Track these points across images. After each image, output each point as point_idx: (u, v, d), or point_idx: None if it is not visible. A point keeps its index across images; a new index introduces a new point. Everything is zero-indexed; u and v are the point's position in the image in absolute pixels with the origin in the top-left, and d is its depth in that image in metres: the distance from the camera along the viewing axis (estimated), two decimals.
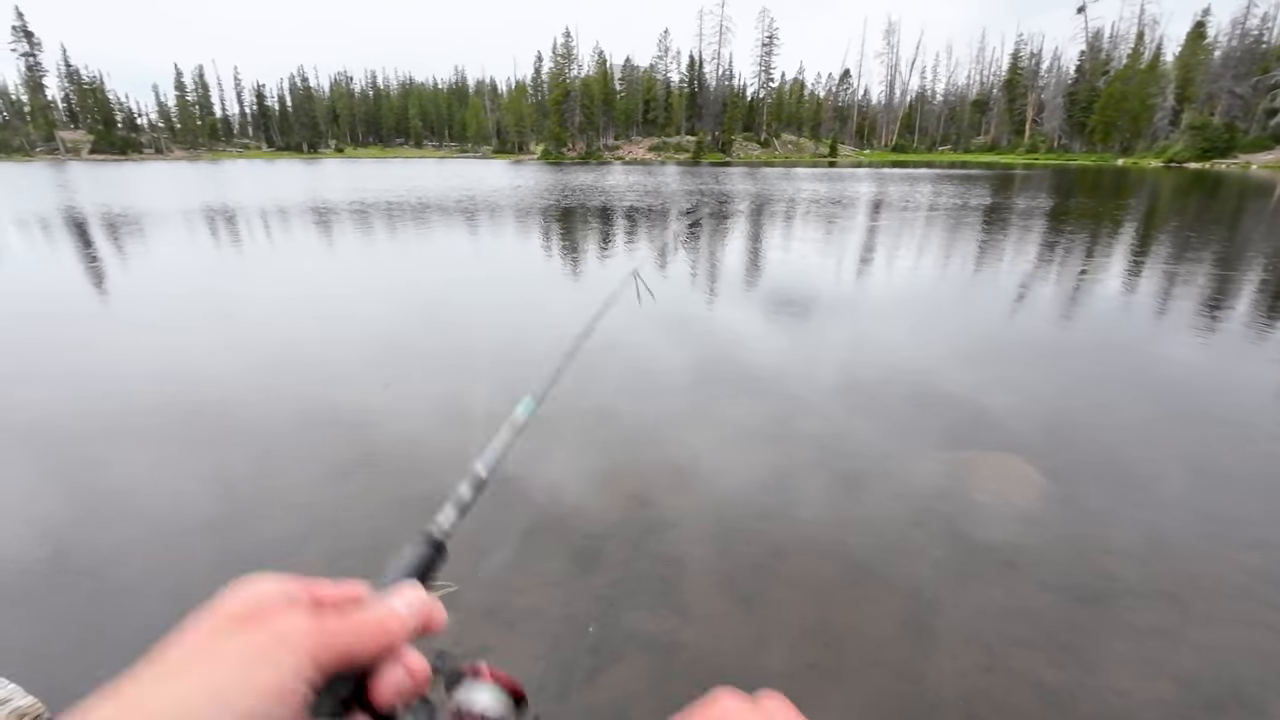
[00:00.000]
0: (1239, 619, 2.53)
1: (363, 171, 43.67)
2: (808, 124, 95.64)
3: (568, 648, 2.34)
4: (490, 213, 17.27)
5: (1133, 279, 8.86)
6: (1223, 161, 49.02)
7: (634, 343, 5.84)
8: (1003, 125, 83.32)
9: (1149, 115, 61.86)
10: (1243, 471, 3.64)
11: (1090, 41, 75.57)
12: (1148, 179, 35.48)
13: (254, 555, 2.87)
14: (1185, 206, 20.26)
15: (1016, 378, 5.16)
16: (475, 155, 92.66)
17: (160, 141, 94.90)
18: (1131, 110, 62.44)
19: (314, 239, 12.93)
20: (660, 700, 2.12)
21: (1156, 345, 6.12)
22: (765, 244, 12.28)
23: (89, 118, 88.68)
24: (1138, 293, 8.08)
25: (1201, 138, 50.82)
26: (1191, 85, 59.71)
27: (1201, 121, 52.52)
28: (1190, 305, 7.39)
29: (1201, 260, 10.13)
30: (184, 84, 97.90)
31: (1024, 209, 18.37)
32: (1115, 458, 3.80)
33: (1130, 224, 15.24)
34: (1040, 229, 14.17)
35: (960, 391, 4.79)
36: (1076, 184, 30.50)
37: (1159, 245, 11.99)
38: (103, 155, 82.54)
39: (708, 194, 23.76)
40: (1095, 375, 5.20)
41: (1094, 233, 13.55)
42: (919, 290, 8.52)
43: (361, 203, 19.82)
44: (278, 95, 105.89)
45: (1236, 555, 2.90)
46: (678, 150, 75.82)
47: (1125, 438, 4.07)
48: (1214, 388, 4.96)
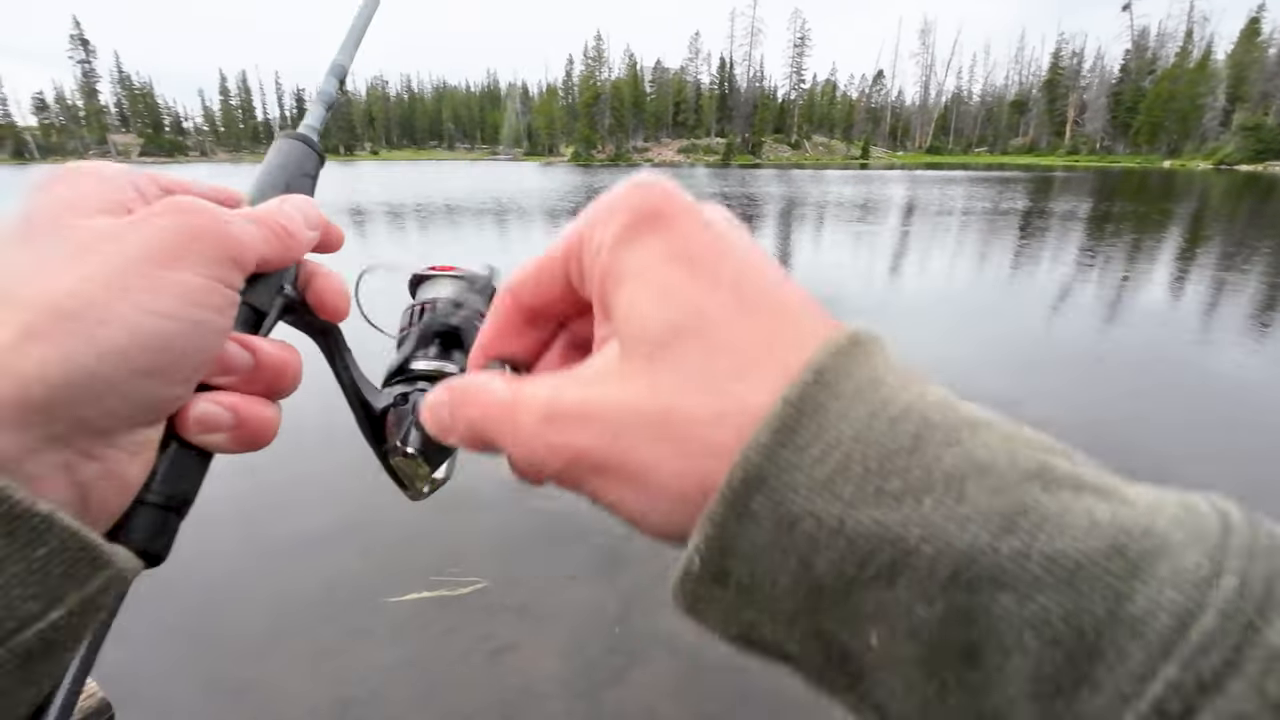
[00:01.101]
0: None
1: (397, 173, 44.58)
2: (839, 126, 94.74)
3: (594, 648, 2.36)
4: (519, 215, 17.48)
5: (1178, 287, 8.56)
6: (1277, 164, 47.02)
7: None
8: (1042, 126, 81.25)
9: (1198, 116, 59.69)
10: None
11: (1136, 40, 73.31)
12: (1196, 182, 34.23)
13: (282, 547, 2.96)
14: (1236, 212, 19.51)
15: (1052, 387, 5.03)
16: (505, 157, 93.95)
17: (205, 144, 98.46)
18: (1180, 110, 60.36)
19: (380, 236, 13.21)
20: (686, 700, 2.13)
21: (1201, 356, 5.91)
22: (793, 246, 12.19)
23: (139, 121, 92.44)
24: (1183, 301, 7.80)
25: (1255, 139, 48.85)
26: (1244, 84, 57.43)
27: (1255, 122, 50.46)
28: (1239, 316, 7.11)
29: (1253, 269, 9.74)
30: (228, 89, 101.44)
31: (1063, 213, 17.89)
32: (1155, 472, 3.69)
33: (1176, 230, 14.73)
34: (1080, 234, 13.78)
35: (991, 398, 4.68)
36: (1120, 187, 29.57)
37: (1207, 252, 11.56)
38: (151, 158, 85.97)
39: (733, 197, 23.68)
40: (1136, 386, 5.04)
41: (1137, 239, 13.13)
42: (951, 296, 8.37)
43: (396, 204, 20.23)
44: None
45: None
46: (707, 152, 75.75)
47: (1166, 452, 3.94)
48: (1260, 402, 4.77)
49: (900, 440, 0.17)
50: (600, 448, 0.20)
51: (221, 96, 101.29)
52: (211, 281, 0.25)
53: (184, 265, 0.24)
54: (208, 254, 0.25)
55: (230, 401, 0.27)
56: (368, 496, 3.39)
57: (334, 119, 2.76)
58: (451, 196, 23.17)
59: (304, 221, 0.31)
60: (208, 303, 0.25)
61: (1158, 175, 41.88)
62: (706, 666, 2.28)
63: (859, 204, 20.87)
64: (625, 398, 0.20)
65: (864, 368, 0.19)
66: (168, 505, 0.27)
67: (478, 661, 2.31)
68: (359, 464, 3.15)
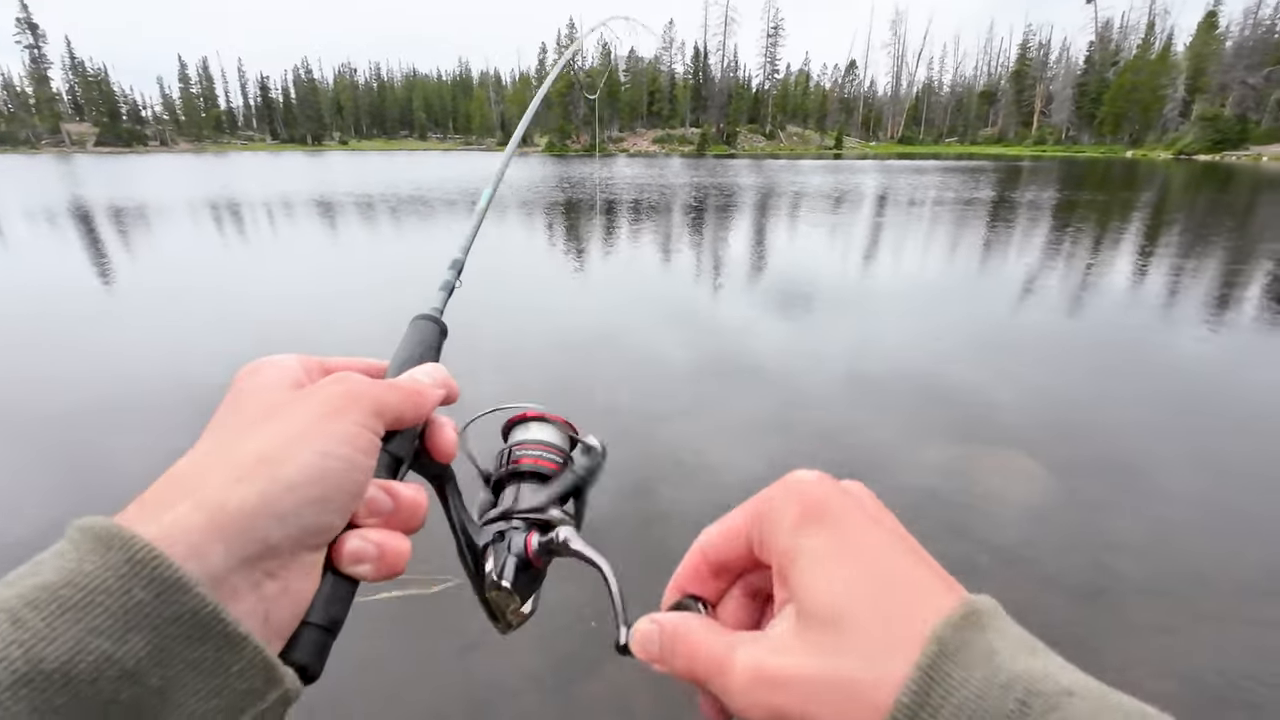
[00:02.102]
0: (1244, 617, 2.51)
1: (369, 165, 43.68)
2: (813, 116, 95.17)
3: (567, 644, 2.34)
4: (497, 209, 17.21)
5: (1140, 274, 8.79)
6: (1234, 153, 48.51)
7: (634, 345, 5.81)
8: (1010, 117, 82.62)
9: (1159, 107, 61.23)
10: (1248, 467, 3.61)
11: (1100, 32, 74.81)
12: (1157, 171, 35.16)
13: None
14: (1195, 200, 20.08)
15: (1021, 373, 5.13)
16: (480, 147, 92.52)
17: (165, 134, 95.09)
18: (1142, 101, 61.83)
19: (319, 231, 12.92)
20: (661, 693, 2.12)
21: (1164, 340, 6.08)
22: (768, 238, 12.22)
23: (94, 110, 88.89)
24: (1145, 288, 8.01)
25: (1213, 129, 50.29)
26: (1203, 76, 59.00)
27: (1213, 113, 51.96)
28: (1199, 300, 7.32)
29: (1211, 255, 10.04)
30: (188, 76, 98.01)
31: (1030, 202, 18.23)
32: (1121, 453, 3.78)
33: (1139, 218, 15.12)
34: (1047, 223, 14.06)
35: (964, 386, 4.76)
36: (1085, 177, 30.24)
37: (1168, 240, 11.88)
38: (108, 148, 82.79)
39: (708, 187, 23.66)
40: (1101, 369, 5.16)
41: (1102, 227, 13.44)
42: (923, 284, 8.48)
43: (368, 195, 19.81)
44: (281, 87, 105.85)
45: (1241, 551, 2.88)
46: (682, 142, 75.53)
47: (1131, 433, 4.04)
48: (1221, 383, 4.92)
49: (1009, 704, 0.22)
50: (796, 705, 0.25)
51: (181, 84, 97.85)
52: (362, 429, 0.33)
53: (344, 418, 0.32)
54: (362, 409, 0.33)
55: (376, 538, 0.34)
56: None
57: (299, 108, 2.65)
58: (421, 186, 22.77)
59: (433, 384, 0.39)
60: (358, 445, 0.32)
61: (1121, 165, 42.91)
62: None
63: (833, 194, 21.02)
64: (814, 670, 0.26)
65: (981, 638, 0.24)
66: (327, 627, 0.32)
67: (448, 659, 2.27)
68: None
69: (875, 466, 3.60)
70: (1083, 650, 2.33)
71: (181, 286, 7.97)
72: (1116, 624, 2.48)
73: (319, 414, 0.32)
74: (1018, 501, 3.30)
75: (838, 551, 0.28)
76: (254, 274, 9.00)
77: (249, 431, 0.31)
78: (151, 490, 0.29)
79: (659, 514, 3.14)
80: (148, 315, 6.70)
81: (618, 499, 3.25)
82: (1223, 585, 2.68)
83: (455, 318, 0.47)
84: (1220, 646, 2.37)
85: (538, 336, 5.87)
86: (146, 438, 3.90)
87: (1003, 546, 2.92)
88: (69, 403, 4.39)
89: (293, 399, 0.33)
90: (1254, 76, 53.86)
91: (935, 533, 3.01)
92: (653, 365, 5.20)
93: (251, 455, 0.29)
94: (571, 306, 7.14)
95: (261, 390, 0.34)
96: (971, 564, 2.79)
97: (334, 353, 0.39)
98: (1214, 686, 2.21)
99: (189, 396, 4.43)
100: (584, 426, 0.46)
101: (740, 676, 0.28)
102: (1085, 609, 2.56)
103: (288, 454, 0.29)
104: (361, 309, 6.89)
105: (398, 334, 0.43)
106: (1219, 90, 57.25)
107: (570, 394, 4.57)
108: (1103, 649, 2.35)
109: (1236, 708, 2.14)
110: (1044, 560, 2.82)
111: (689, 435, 3.97)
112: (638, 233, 12.70)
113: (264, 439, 0.30)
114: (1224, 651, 2.35)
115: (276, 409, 0.32)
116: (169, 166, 41.34)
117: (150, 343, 5.72)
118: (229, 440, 0.31)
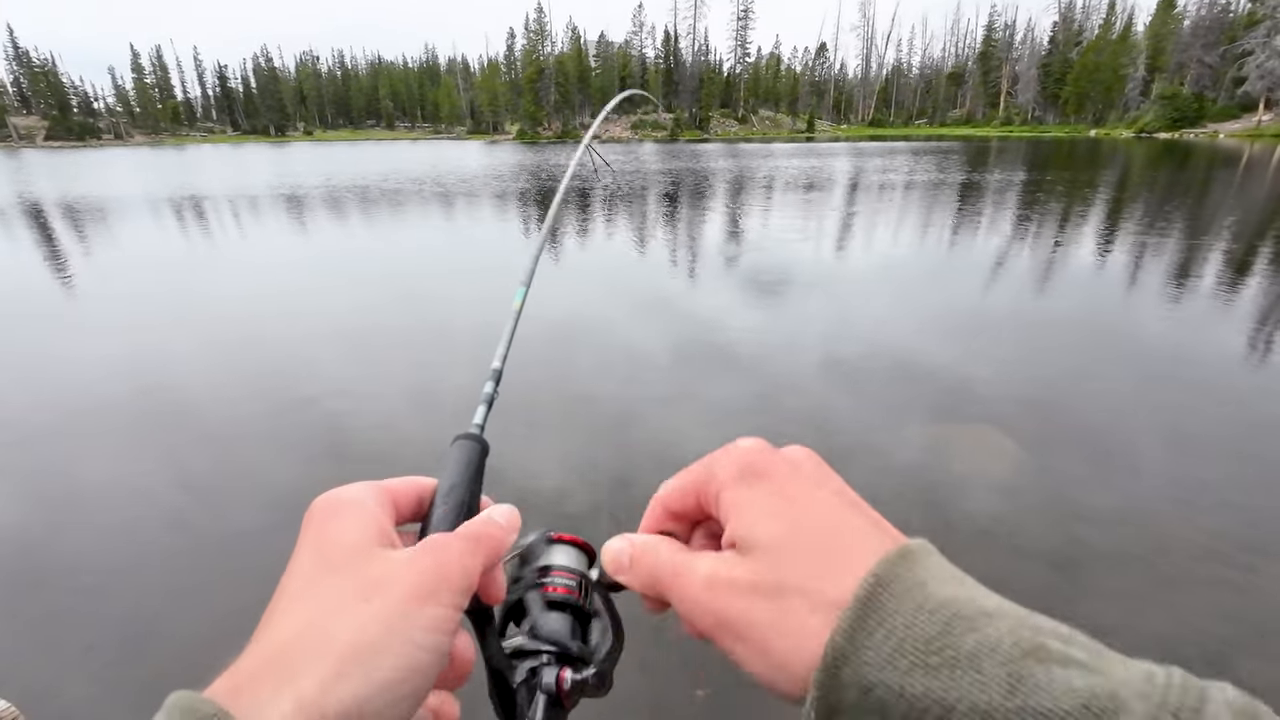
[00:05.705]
0: (1204, 580, 2.62)
1: (335, 156, 42.60)
2: (785, 99, 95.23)
3: None
4: (468, 198, 16.97)
5: (1104, 251, 9.00)
6: (1192, 131, 49.81)
7: (628, 344, 5.78)
8: (978, 98, 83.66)
9: (1121, 86, 62.48)
10: (1207, 436, 3.74)
11: (1063, 12, 75.88)
12: (1119, 150, 35.94)
13: (225, 548, 2.83)
14: (1155, 178, 20.59)
15: (993, 351, 5.23)
16: (450, 136, 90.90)
17: (120, 127, 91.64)
18: (1104, 81, 63.02)
19: (289, 228, 12.61)
20: (645, 679, 2.14)
21: (1127, 315, 6.25)
22: (742, 222, 12.24)
23: (42, 102, 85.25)
24: (1109, 264, 8.21)
25: (1171, 108, 51.50)
26: (1162, 55, 60.32)
27: (1171, 91, 53.17)
28: (1160, 275, 7.53)
29: (1171, 231, 10.32)
30: (141, 65, 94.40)
31: (999, 183, 18.53)
32: (1089, 426, 3.89)
33: (1102, 196, 15.46)
34: (1014, 203, 14.31)
35: (938, 366, 4.85)
36: (1051, 157, 30.79)
37: (1130, 217, 12.18)
38: (59, 142, 79.60)
39: (682, 172, 23.59)
40: (1069, 346, 5.29)
41: (1067, 206, 13.72)
42: (896, 266, 8.57)
43: (333, 186, 19.35)
44: (241, 76, 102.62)
45: (1201, 518, 2.99)
46: (655, 128, 75.03)
47: (1098, 406, 4.16)
48: (1182, 355, 5.08)
49: (936, 627, 0.25)
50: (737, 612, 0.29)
51: (135, 74, 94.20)
52: (451, 610, 0.32)
53: (436, 601, 0.31)
54: (452, 588, 0.32)
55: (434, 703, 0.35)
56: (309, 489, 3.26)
57: (261, 98, 2.56)
58: (393, 175, 22.31)
59: (506, 527, 0.39)
60: (447, 629, 0.32)
61: (1085, 144, 43.79)
62: (668, 643, 2.29)
63: (806, 177, 21.10)
64: (755, 575, 0.29)
65: (911, 572, 0.26)
66: None
67: None
68: (298, 460, 3.00)
69: (855, 446, 3.66)
70: (1054, 616, 2.40)
71: (134, 293, 7.73)
72: (1088, 590, 2.57)
73: (412, 595, 0.31)
74: (992, 476, 3.38)
75: (775, 501, 0.31)
76: (210, 276, 8.76)
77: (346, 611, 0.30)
78: (247, 663, 0.28)
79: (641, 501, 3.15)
80: (100, 317, 6.48)
81: (597, 489, 3.26)
82: (1183, 551, 2.79)
83: (443, 317, 0.50)
84: (1181, 607, 2.47)
85: None
86: (101, 442, 3.80)
87: (978, 519, 2.99)
88: (18, 412, 4.25)
89: (386, 574, 0.32)
90: (1210, 55, 55.21)
91: (913, 508, 3.07)
92: (629, 353, 5.19)
93: (349, 645, 0.29)
94: (545, 295, 7.08)
95: (349, 544, 0.33)
96: (947, 537, 2.85)
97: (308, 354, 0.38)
98: (1174, 644, 2.30)
99: (142, 402, 4.32)
100: (565, 425, 0.50)
101: (695, 583, 0.31)
102: (1056, 576, 2.64)
103: (385, 644, 0.29)
104: (319, 306, 6.76)
105: (363, 331, 0.42)
106: (1177, 69, 58.61)
107: (547, 383, 4.55)
108: (1074, 615, 2.42)
109: (1198, 667, 2.23)
110: (1017, 532, 2.91)
111: (667, 423, 3.98)
112: (611, 219, 12.62)
113: (361, 624, 0.29)
114: (1184, 611, 2.45)
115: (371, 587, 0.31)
116: (120, 162, 39.86)
117: (104, 347, 5.55)
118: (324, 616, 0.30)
